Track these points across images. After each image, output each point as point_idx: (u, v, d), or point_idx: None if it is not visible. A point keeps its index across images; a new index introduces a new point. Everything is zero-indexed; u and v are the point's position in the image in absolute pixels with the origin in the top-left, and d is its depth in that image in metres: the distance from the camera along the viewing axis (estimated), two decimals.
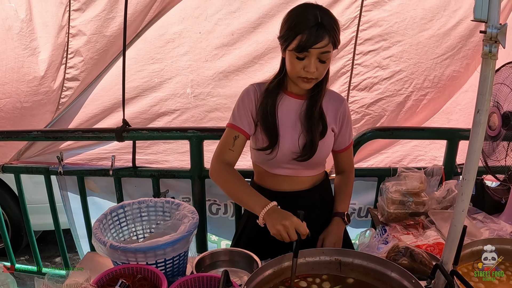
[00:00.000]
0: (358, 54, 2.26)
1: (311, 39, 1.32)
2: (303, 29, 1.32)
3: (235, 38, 2.23)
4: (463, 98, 2.45)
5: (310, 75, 1.38)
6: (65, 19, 2.16)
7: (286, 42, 1.38)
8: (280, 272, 1.23)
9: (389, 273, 1.19)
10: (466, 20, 2.11)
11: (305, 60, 1.36)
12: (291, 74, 1.43)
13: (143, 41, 2.30)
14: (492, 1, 0.82)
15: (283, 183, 1.56)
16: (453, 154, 2.12)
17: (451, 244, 1.08)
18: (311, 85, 1.43)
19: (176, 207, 1.50)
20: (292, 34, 1.34)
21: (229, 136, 1.52)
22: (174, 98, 2.37)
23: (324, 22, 1.33)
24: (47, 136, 2.21)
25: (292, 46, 1.35)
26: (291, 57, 1.38)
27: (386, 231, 1.55)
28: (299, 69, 1.38)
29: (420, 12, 2.07)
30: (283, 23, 1.41)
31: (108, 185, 2.39)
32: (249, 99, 1.52)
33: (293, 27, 1.35)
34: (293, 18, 1.38)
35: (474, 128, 0.96)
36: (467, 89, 2.40)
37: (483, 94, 0.92)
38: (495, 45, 0.84)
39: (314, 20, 1.33)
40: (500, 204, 1.77)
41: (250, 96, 1.52)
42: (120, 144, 2.34)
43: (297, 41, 1.33)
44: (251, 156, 1.63)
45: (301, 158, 1.50)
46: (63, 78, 2.26)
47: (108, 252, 1.26)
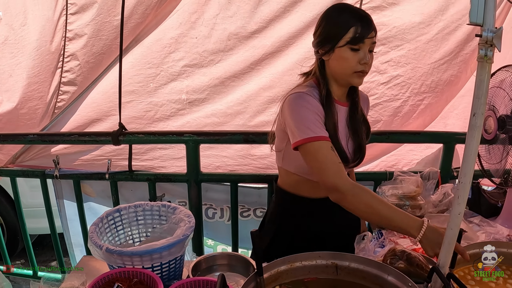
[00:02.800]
0: None
1: (365, 29, 1.35)
2: (355, 21, 1.35)
3: (231, 44, 2.23)
4: (460, 102, 2.46)
5: (366, 67, 1.39)
6: (61, 23, 2.17)
7: (335, 39, 1.37)
8: (277, 276, 1.22)
9: (386, 277, 1.18)
10: (464, 25, 2.13)
11: (360, 53, 1.37)
12: (346, 71, 1.40)
13: (140, 45, 2.30)
14: (487, 5, 0.82)
15: (323, 190, 1.47)
16: (450, 158, 2.12)
17: (447, 247, 1.08)
18: (362, 80, 1.43)
19: (172, 211, 1.49)
20: (344, 29, 1.36)
21: (327, 149, 1.35)
22: (169, 104, 2.37)
23: (367, 14, 1.40)
24: (44, 139, 2.21)
25: (345, 40, 1.36)
26: (345, 52, 1.37)
27: (382, 235, 1.55)
28: (354, 64, 1.37)
29: (419, 17, 2.09)
30: (324, 25, 1.41)
31: (104, 189, 2.38)
32: (317, 108, 1.40)
33: (343, 22, 1.36)
34: (336, 15, 1.40)
35: (470, 132, 0.96)
36: (464, 94, 2.41)
37: (479, 97, 0.93)
38: (491, 48, 0.85)
39: (360, 12, 1.39)
40: (496, 208, 1.77)
41: (316, 105, 1.40)
42: (116, 150, 2.34)
43: (352, 34, 1.35)
44: (285, 164, 1.55)
45: (353, 164, 1.49)
46: (59, 82, 2.26)
47: (104, 256, 1.25)
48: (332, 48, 1.39)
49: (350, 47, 1.36)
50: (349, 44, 1.36)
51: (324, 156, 1.34)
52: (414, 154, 2.41)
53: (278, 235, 1.61)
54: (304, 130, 1.35)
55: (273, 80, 2.31)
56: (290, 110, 1.39)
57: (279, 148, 1.54)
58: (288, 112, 1.40)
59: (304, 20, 2.22)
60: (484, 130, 1.64)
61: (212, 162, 2.40)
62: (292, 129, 1.39)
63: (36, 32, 2.15)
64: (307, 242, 1.36)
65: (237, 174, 2.30)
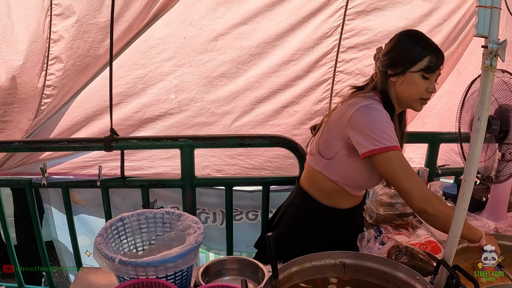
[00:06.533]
0: (340, 62, 2.35)
1: (439, 60, 1.43)
2: (431, 51, 1.42)
3: (219, 44, 2.26)
4: (437, 102, 2.60)
5: (430, 95, 1.47)
6: (46, 24, 2.10)
7: (410, 64, 1.43)
8: (289, 277, 1.26)
9: (394, 272, 1.25)
10: (444, 29, 2.25)
11: (429, 82, 1.44)
12: (413, 96, 1.47)
13: (126, 47, 2.27)
14: (492, 19, 0.90)
15: (352, 202, 1.56)
16: (434, 157, 2.23)
17: (452, 241, 1.15)
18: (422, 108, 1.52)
19: (177, 217, 1.49)
20: (421, 55, 1.42)
21: (405, 159, 1.42)
22: (158, 104, 2.36)
23: (439, 47, 1.46)
24: (30, 147, 2.11)
25: (419, 67, 1.42)
26: (416, 79, 1.44)
27: (381, 232, 1.62)
28: (423, 91, 1.45)
29: (403, 22, 2.18)
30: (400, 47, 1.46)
31: (94, 196, 2.33)
32: (390, 121, 1.45)
33: (421, 49, 1.42)
34: (414, 41, 1.45)
35: (474, 134, 1.03)
36: (442, 94, 2.54)
37: (483, 103, 1.00)
38: (495, 58, 0.92)
39: (435, 44, 1.45)
40: (481, 202, 1.88)
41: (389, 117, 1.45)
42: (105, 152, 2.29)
43: (427, 62, 1.42)
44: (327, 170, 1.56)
45: None
46: (43, 85, 2.19)
47: (115, 268, 1.23)
48: (404, 71, 1.44)
49: (423, 74, 1.43)
50: (422, 71, 1.43)
51: (406, 165, 1.40)
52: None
53: (297, 240, 1.64)
54: (385, 138, 1.38)
55: (259, 81, 2.35)
56: (368, 119, 1.41)
57: (326, 154, 1.54)
58: (364, 120, 1.41)
59: (289, 23, 2.28)
60: (471, 130, 1.74)
61: (200, 162, 2.39)
62: (369, 137, 1.39)
63: (20, 33, 2.07)
64: (320, 244, 1.40)
65: (232, 178, 2.32)
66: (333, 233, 1.63)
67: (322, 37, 2.31)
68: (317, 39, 2.31)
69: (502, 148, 1.66)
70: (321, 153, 1.56)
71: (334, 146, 1.52)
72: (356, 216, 1.55)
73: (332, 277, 1.30)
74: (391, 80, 1.49)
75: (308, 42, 2.31)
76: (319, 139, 1.57)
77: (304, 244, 1.58)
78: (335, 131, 1.51)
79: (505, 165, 1.63)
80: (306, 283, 1.28)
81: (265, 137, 2.19)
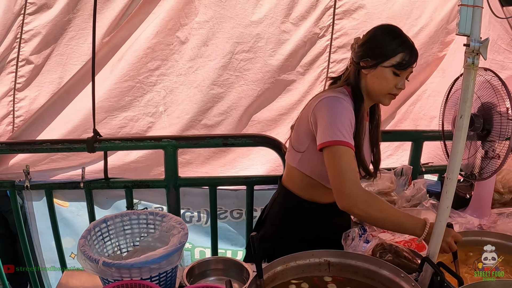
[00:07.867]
0: (333, 63, 2.34)
1: (412, 58, 1.43)
2: (405, 48, 1.42)
3: (209, 50, 2.22)
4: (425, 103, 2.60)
5: (399, 92, 1.47)
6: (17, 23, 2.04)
7: (382, 58, 1.43)
8: (273, 277, 1.25)
9: (378, 270, 1.25)
10: (426, 28, 2.26)
11: (399, 78, 1.44)
12: (382, 91, 1.47)
13: (118, 59, 2.21)
14: (474, 18, 0.90)
15: (332, 196, 1.53)
16: (418, 154, 2.26)
17: (437, 238, 1.16)
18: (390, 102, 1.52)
19: (161, 218, 1.47)
20: (394, 51, 1.42)
21: (351, 156, 1.40)
22: (145, 118, 2.30)
23: (414, 45, 1.46)
24: (13, 149, 2.07)
25: (391, 62, 1.42)
26: (387, 73, 1.44)
27: (366, 231, 1.63)
28: (392, 86, 1.45)
29: (385, 20, 2.18)
30: (375, 41, 1.46)
31: (77, 197, 2.29)
32: (351, 117, 1.44)
33: (395, 45, 1.42)
34: (390, 36, 1.44)
35: (457, 132, 1.04)
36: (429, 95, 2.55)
37: (465, 101, 1.01)
38: (477, 57, 0.93)
39: (410, 42, 1.45)
40: (464, 199, 1.90)
41: (351, 113, 1.44)
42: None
43: (399, 59, 1.42)
44: (301, 165, 1.56)
45: (370, 177, 1.58)
46: (14, 88, 2.13)
47: (99, 270, 1.21)
48: (376, 65, 1.44)
49: (394, 70, 1.43)
50: (394, 67, 1.43)
51: (347, 162, 1.37)
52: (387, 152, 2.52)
53: (283, 238, 1.63)
54: (336, 132, 1.37)
55: (253, 88, 2.32)
56: (326, 111, 1.41)
57: (299, 148, 1.55)
58: (323, 112, 1.42)
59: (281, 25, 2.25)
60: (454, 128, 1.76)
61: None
62: (323, 129, 1.40)
63: None
64: (307, 243, 1.40)
65: (216, 177, 2.30)
66: (318, 229, 1.63)
67: (315, 37, 2.28)
68: (310, 40, 2.29)
69: (485, 145, 1.68)
70: (294, 148, 1.57)
71: (305, 140, 1.53)
72: (340, 213, 1.54)
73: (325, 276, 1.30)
74: (363, 72, 1.49)
75: (301, 44, 2.29)
76: (293, 134, 1.60)
77: (290, 242, 1.57)
78: (304, 125, 1.53)
79: (488, 163, 1.66)
80: (298, 280, 1.27)
81: (248, 137, 2.18)
